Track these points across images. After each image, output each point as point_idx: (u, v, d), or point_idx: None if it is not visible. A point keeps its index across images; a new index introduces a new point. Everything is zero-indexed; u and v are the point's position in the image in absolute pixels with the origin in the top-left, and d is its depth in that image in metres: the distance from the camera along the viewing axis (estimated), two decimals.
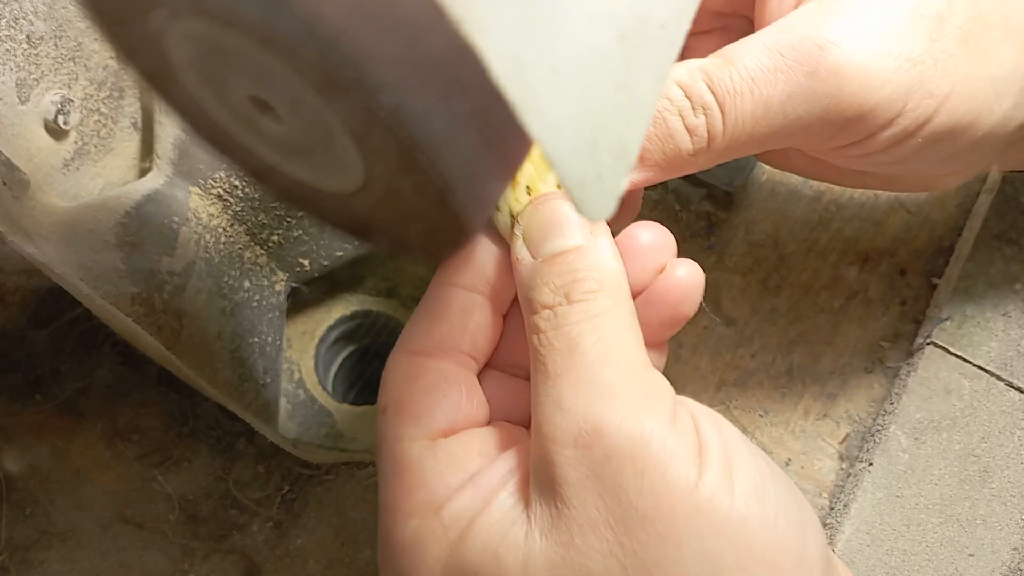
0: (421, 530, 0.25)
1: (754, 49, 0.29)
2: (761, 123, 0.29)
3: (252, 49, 0.19)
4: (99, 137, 0.39)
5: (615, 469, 0.23)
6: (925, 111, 0.29)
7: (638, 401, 0.24)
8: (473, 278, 0.28)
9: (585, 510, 0.23)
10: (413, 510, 0.25)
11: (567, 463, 0.23)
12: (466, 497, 0.25)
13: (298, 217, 0.40)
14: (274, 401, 0.40)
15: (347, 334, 0.50)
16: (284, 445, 0.40)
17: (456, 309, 0.28)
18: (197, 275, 0.37)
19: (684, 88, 0.29)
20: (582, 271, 0.25)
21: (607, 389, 0.24)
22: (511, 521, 0.24)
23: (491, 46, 0.16)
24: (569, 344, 0.24)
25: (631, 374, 0.24)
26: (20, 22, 0.34)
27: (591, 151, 0.20)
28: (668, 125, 0.29)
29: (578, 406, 0.24)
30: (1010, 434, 0.39)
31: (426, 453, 0.26)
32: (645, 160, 0.29)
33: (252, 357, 0.39)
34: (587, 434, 0.23)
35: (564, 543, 0.23)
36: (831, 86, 0.28)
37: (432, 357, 0.27)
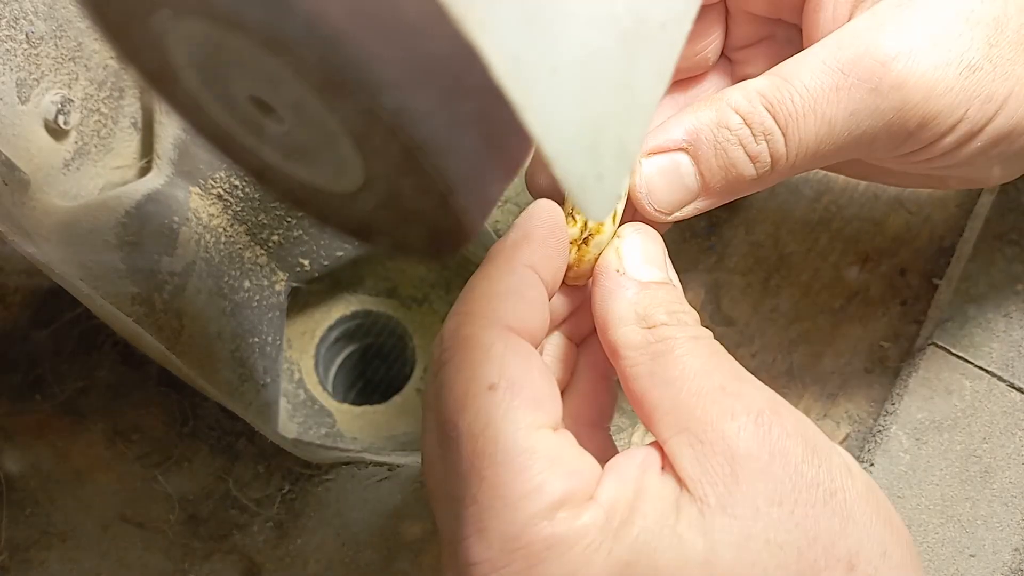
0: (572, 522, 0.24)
1: (813, 67, 0.28)
2: (825, 142, 0.29)
3: (254, 50, 0.19)
4: (99, 137, 0.39)
5: (794, 450, 0.24)
6: (985, 115, 0.29)
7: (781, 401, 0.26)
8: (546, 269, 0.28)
9: (768, 485, 0.24)
10: (559, 501, 0.24)
11: (748, 440, 0.24)
12: (613, 485, 0.25)
13: (298, 217, 0.40)
14: (274, 401, 0.40)
15: (347, 334, 0.50)
16: (284, 445, 0.40)
17: (536, 295, 0.27)
18: (197, 275, 0.37)
19: (743, 115, 0.29)
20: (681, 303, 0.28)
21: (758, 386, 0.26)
22: (674, 502, 0.24)
23: (492, 46, 0.16)
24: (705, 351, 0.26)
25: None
26: (20, 22, 0.34)
27: (591, 151, 0.20)
28: (730, 155, 0.29)
29: (746, 394, 0.25)
30: (1011, 435, 0.39)
31: (559, 441, 0.25)
32: (708, 189, 0.30)
33: (252, 357, 0.39)
34: (764, 416, 0.25)
35: (748, 517, 0.23)
36: (895, 100, 0.28)
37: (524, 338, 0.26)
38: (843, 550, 0.23)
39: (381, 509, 0.42)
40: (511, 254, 0.27)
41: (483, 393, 0.25)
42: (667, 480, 0.25)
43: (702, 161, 0.29)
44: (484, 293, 0.27)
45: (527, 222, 0.28)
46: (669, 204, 0.30)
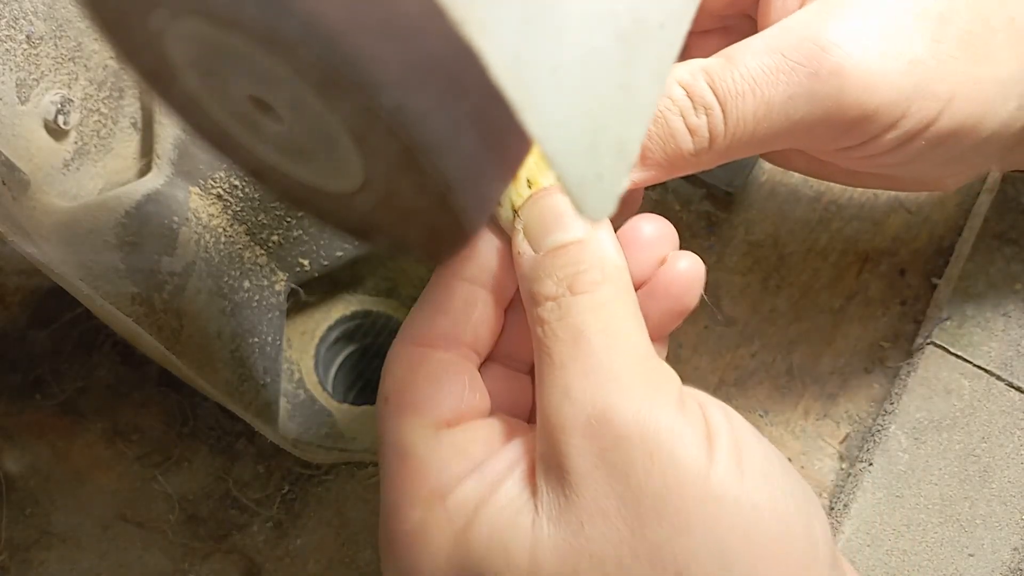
0: (425, 519, 0.25)
1: (756, 49, 0.29)
2: (763, 124, 0.29)
3: (252, 49, 0.19)
4: (99, 137, 0.39)
5: (624, 455, 0.23)
6: (928, 114, 0.29)
7: (645, 389, 0.24)
8: (476, 271, 0.28)
9: (594, 497, 0.23)
10: (417, 499, 0.25)
11: (575, 451, 0.23)
12: (471, 486, 0.25)
13: (298, 217, 0.40)
14: (274, 401, 0.40)
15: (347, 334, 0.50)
16: (284, 445, 0.40)
17: (459, 301, 0.28)
18: (197, 275, 0.37)
19: (686, 87, 0.29)
20: (584, 263, 0.25)
21: (614, 377, 0.24)
22: (517, 510, 0.24)
23: (491, 46, 0.16)
24: (574, 334, 0.25)
25: (637, 362, 0.24)
26: (20, 22, 0.34)
27: (591, 151, 0.20)
28: (670, 125, 0.29)
29: (585, 394, 0.24)
30: (1010, 434, 0.39)
31: (430, 443, 0.26)
32: (647, 160, 0.29)
33: (252, 357, 0.39)
34: (595, 421, 0.23)
35: (573, 531, 0.23)
36: (833, 87, 0.28)
37: (434, 348, 0.27)
38: (670, 561, 0.22)
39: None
40: (437, 271, 0.28)
41: (381, 406, 0.27)
42: (526, 484, 0.25)
43: None
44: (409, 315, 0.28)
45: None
46: None
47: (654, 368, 0.24)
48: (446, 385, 0.27)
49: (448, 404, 0.27)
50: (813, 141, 0.30)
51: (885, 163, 0.31)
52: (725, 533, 0.22)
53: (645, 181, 0.30)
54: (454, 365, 0.27)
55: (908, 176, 0.33)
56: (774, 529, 0.22)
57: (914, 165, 0.31)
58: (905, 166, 0.31)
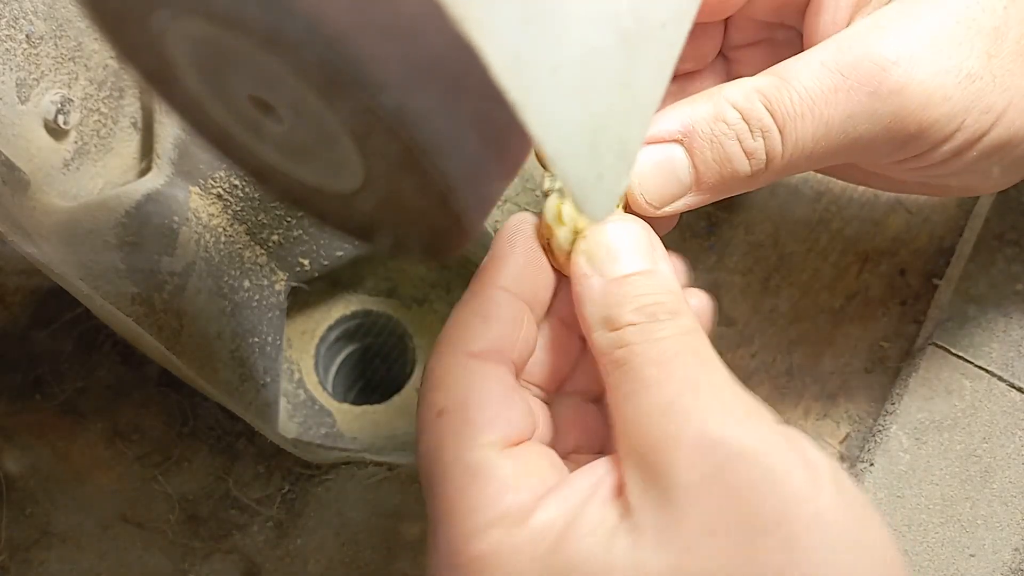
0: (504, 542, 0.24)
1: (813, 68, 0.28)
2: (821, 143, 0.28)
3: (253, 49, 0.19)
4: (99, 137, 0.39)
5: (737, 476, 0.22)
6: (983, 126, 0.29)
7: (750, 411, 0.24)
8: (523, 286, 0.28)
9: (703, 515, 0.22)
10: (494, 520, 0.24)
11: (684, 468, 0.23)
12: (553, 507, 0.24)
13: (298, 217, 0.40)
14: (274, 401, 0.40)
15: (347, 334, 0.50)
16: (284, 445, 0.40)
17: (508, 314, 0.27)
18: (197, 275, 0.37)
19: (741, 111, 0.28)
20: (661, 293, 0.26)
21: (719, 397, 0.24)
22: (611, 531, 0.23)
23: (492, 46, 0.16)
24: (666, 355, 0.25)
25: (735, 390, 0.24)
26: (20, 22, 0.34)
27: (592, 151, 0.20)
28: (726, 149, 0.29)
29: (693, 413, 0.23)
30: (1011, 434, 0.39)
31: (503, 461, 0.25)
32: (702, 184, 0.29)
33: (252, 357, 0.39)
34: (707, 440, 0.23)
35: (678, 549, 0.22)
36: (893, 105, 0.28)
37: (489, 361, 0.27)
38: None
39: (381, 509, 0.42)
40: (478, 278, 0.28)
41: (433, 419, 0.26)
42: (613, 505, 0.24)
43: (696, 154, 0.29)
44: (452, 322, 0.27)
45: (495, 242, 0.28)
46: (661, 197, 0.29)
47: (749, 397, 0.25)
48: (510, 402, 0.26)
49: (513, 423, 0.26)
50: (869, 156, 0.30)
51: (936, 173, 0.31)
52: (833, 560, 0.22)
53: (700, 203, 0.30)
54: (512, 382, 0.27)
55: (957, 184, 0.33)
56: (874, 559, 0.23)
57: (963, 175, 0.31)
58: (955, 176, 0.31)
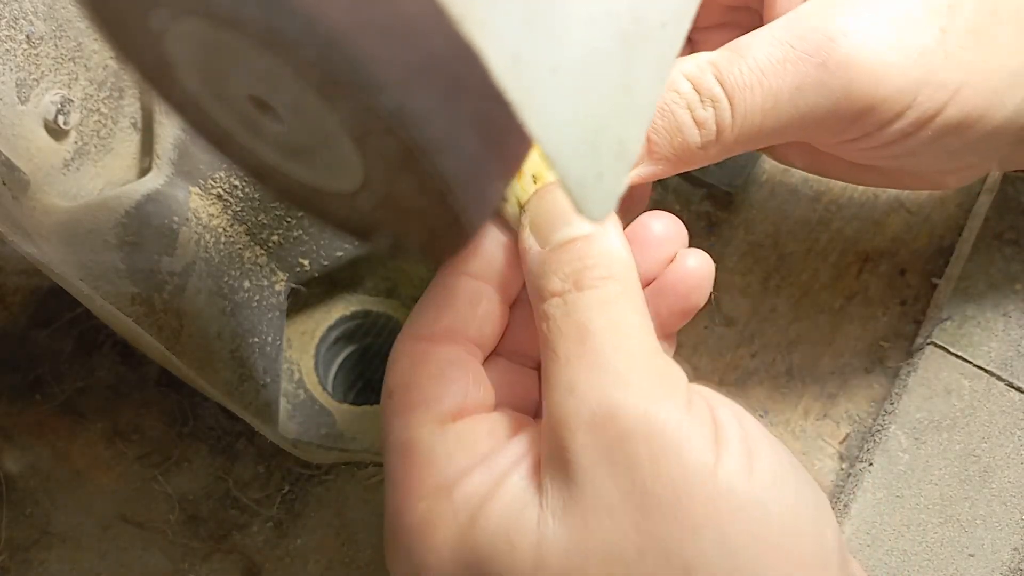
0: (431, 512, 0.25)
1: (763, 41, 0.29)
2: (771, 116, 0.29)
3: (252, 49, 0.19)
4: (99, 137, 0.39)
5: (630, 452, 0.22)
6: (936, 103, 0.29)
7: (652, 385, 0.23)
8: (481, 267, 0.28)
9: (599, 494, 0.23)
10: (423, 493, 0.25)
11: (580, 446, 0.23)
12: (476, 480, 0.25)
13: (298, 217, 0.40)
14: (274, 401, 0.40)
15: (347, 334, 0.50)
16: (284, 445, 0.40)
17: (463, 297, 0.27)
18: (197, 275, 0.37)
19: (693, 81, 0.29)
20: (591, 258, 0.25)
21: (620, 373, 0.23)
22: (523, 504, 0.24)
23: (491, 45, 0.16)
24: (580, 330, 0.24)
25: (643, 359, 0.24)
26: (20, 22, 0.34)
27: (591, 151, 0.20)
28: (676, 118, 0.29)
29: (591, 390, 0.23)
30: (1010, 434, 0.39)
31: (435, 436, 0.26)
32: (654, 154, 0.29)
33: (252, 357, 0.39)
34: (600, 417, 0.23)
35: (578, 527, 0.23)
36: (841, 78, 0.28)
37: (439, 343, 0.27)
38: (677, 560, 0.22)
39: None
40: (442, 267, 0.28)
41: (385, 401, 0.27)
42: (531, 479, 0.25)
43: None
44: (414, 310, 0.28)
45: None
46: None
47: (661, 365, 0.24)
48: (450, 379, 0.27)
49: (452, 398, 0.26)
50: (820, 132, 0.30)
51: (891, 154, 0.31)
52: (733, 532, 0.22)
53: (652, 175, 0.30)
54: (458, 360, 0.27)
55: (911, 170, 0.33)
56: (783, 530, 0.22)
57: (918, 157, 0.31)
58: (909, 158, 0.31)
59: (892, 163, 0.32)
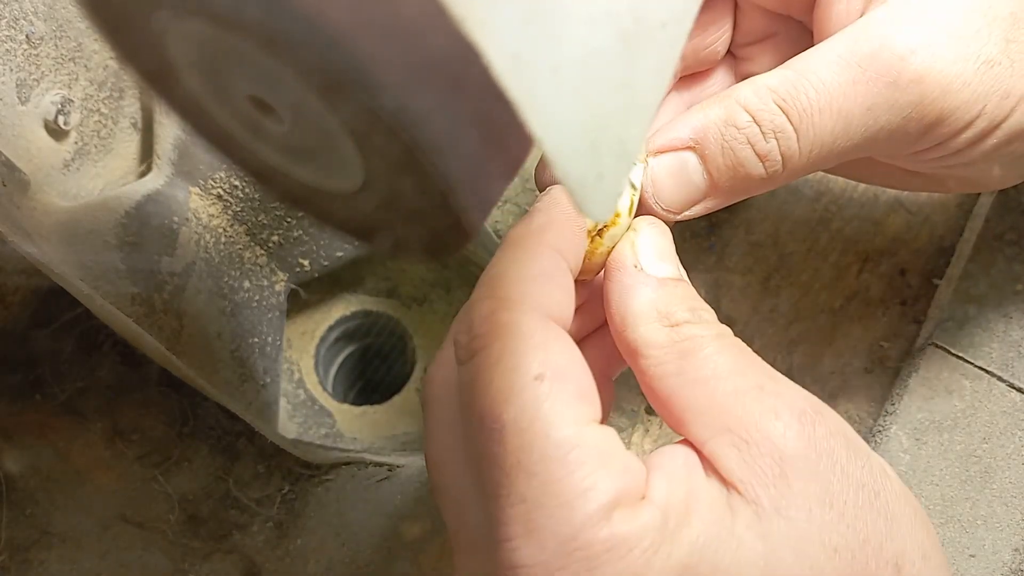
0: (631, 522, 0.23)
1: (829, 62, 0.28)
2: (841, 138, 0.28)
3: (253, 50, 0.19)
4: (99, 137, 0.39)
5: (834, 444, 0.24)
6: (1002, 111, 0.29)
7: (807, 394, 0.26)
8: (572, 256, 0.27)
9: (817, 482, 0.23)
10: (614, 500, 0.23)
11: (796, 436, 0.24)
12: (663, 484, 0.24)
13: (298, 217, 0.40)
14: (274, 401, 0.40)
15: (347, 334, 0.50)
16: (284, 445, 0.40)
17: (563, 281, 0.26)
18: (197, 275, 0.37)
19: (752, 112, 0.28)
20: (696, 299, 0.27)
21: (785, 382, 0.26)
22: (725, 505, 0.24)
23: (492, 45, 0.16)
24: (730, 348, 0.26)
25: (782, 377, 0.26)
26: (20, 22, 0.34)
27: (592, 151, 0.20)
28: (737, 155, 0.28)
29: (783, 390, 0.25)
30: (1011, 435, 0.39)
31: (599, 436, 0.24)
32: (717, 189, 0.29)
33: (252, 357, 0.39)
34: (812, 411, 0.24)
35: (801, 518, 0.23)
36: (913, 94, 0.28)
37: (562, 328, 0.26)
38: (890, 552, 0.23)
39: (381, 509, 0.42)
40: (539, 238, 0.26)
41: (529, 384, 0.23)
42: (713, 482, 0.24)
43: (709, 160, 0.29)
44: (517, 277, 0.25)
45: (550, 207, 0.27)
46: (677, 203, 0.29)
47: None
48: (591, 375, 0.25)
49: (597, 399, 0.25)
50: (889, 148, 0.30)
51: (954, 163, 0.31)
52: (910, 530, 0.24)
53: (718, 207, 0.30)
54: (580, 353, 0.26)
55: (966, 176, 0.33)
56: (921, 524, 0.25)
57: (981, 164, 0.31)
58: (973, 165, 0.31)
59: (953, 171, 0.32)
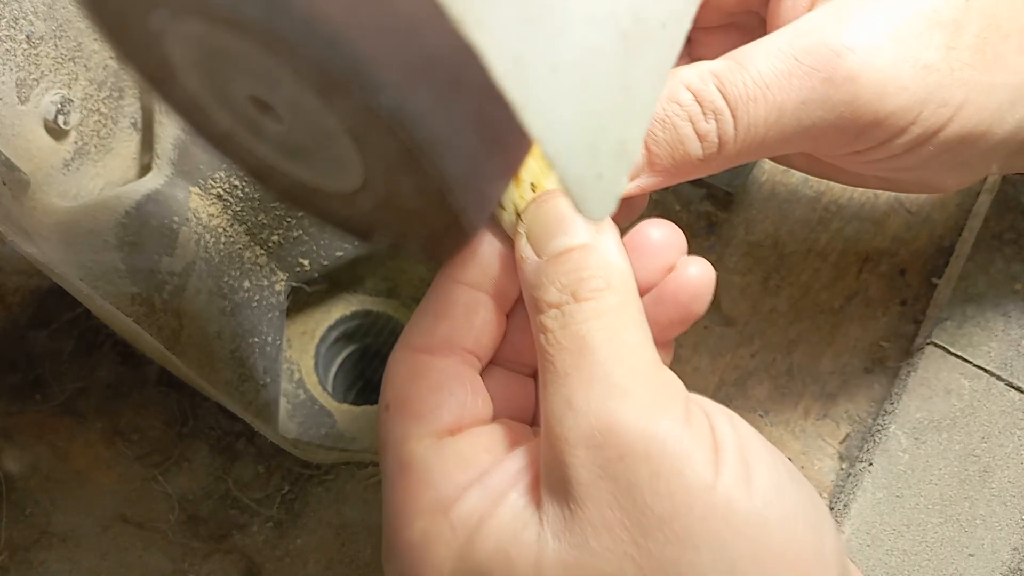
0: (428, 531, 0.24)
1: (768, 53, 0.28)
2: (774, 129, 0.28)
3: (252, 50, 0.19)
4: (99, 137, 0.39)
5: (629, 469, 0.22)
6: (939, 119, 0.29)
7: (651, 400, 0.23)
8: (477, 275, 0.27)
9: (599, 511, 0.22)
10: (420, 511, 0.25)
11: (579, 463, 0.23)
12: (474, 497, 0.25)
13: (298, 217, 0.40)
14: (274, 401, 0.40)
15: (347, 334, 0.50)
16: (284, 445, 0.40)
17: (460, 306, 0.27)
18: (197, 275, 0.37)
19: (695, 92, 0.28)
20: (588, 269, 0.25)
21: (619, 388, 0.23)
22: (522, 522, 0.24)
23: (491, 46, 0.16)
24: (578, 343, 0.24)
25: (642, 372, 0.24)
26: (20, 22, 0.34)
27: (591, 151, 0.20)
28: (678, 130, 0.28)
29: (590, 405, 0.23)
30: (1010, 434, 0.39)
31: (432, 452, 0.25)
32: (654, 165, 0.29)
33: (252, 357, 0.39)
34: (600, 433, 0.23)
35: (577, 544, 0.22)
36: (847, 93, 0.28)
37: (436, 354, 0.27)
38: None
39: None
40: (440, 274, 0.28)
41: (381, 414, 0.27)
42: (531, 496, 0.24)
43: (649, 135, 0.28)
44: (410, 320, 0.28)
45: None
46: None
47: (659, 378, 0.24)
48: (447, 392, 0.26)
49: (450, 412, 0.26)
50: (823, 145, 0.30)
51: (892, 167, 0.31)
52: (733, 550, 0.22)
53: (652, 186, 0.29)
54: (455, 371, 0.27)
55: (912, 179, 0.33)
56: (783, 546, 0.22)
57: (920, 169, 0.31)
58: (911, 170, 0.31)
59: (892, 174, 0.32)
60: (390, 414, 0.26)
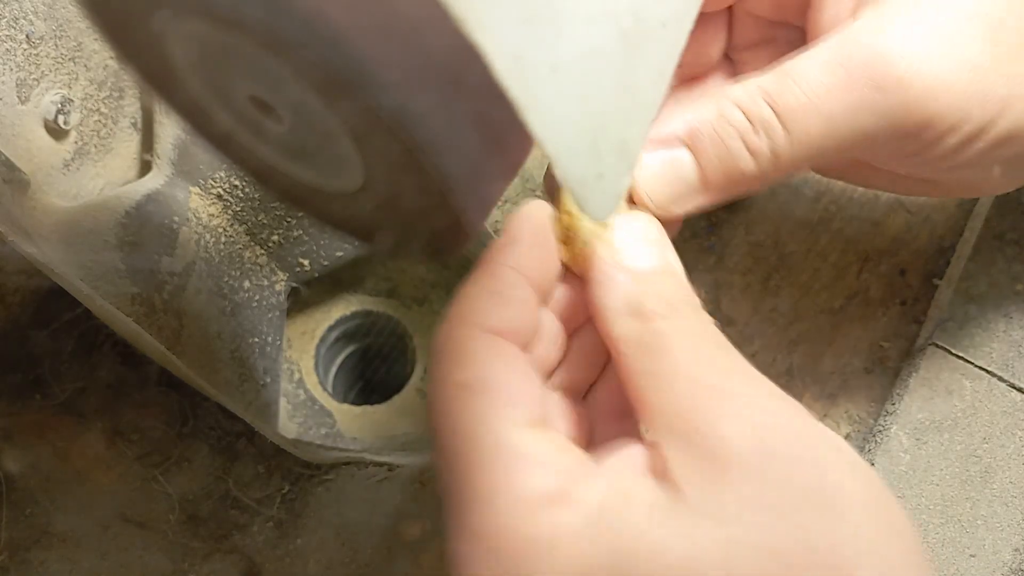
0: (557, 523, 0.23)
1: (816, 63, 0.28)
2: (826, 139, 0.28)
3: (253, 50, 0.19)
4: (99, 137, 0.39)
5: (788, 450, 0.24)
6: (988, 115, 0.29)
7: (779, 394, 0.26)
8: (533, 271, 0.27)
9: (758, 490, 0.23)
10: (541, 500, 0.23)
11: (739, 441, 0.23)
12: (601, 485, 0.24)
13: (298, 217, 0.40)
14: (274, 401, 0.40)
15: (347, 334, 0.50)
16: (284, 445, 0.40)
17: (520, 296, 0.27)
18: (197, 275, 0.37)
19: (743, 108, 0.28)
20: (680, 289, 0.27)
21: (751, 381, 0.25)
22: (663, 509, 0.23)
23: (493, 45, 0.16)
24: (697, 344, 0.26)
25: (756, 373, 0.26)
26: (20, 22, 0.34)
27: (592, 150, 0.20)
28: (730, 148, 0.29)
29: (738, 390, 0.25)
30: (1011, 435, 0.39)
31: (536, 439, 0.24)
32: (708, 183, 0.29)
33: (252, 357, 0.39)
34: (756, 415, 0.24)
35: (734, 524, 0.23)
36: (898, 98, 0.28)
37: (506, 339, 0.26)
38: (837, 561, 0.22)
39: (381, 509, 0.42)
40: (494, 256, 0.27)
41: (453, 393, 0.25)
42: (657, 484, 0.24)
43: (702, 155, 0.29)
44: (467, 296, 0.27)
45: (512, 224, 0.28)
46: (668, 199, 0.29)
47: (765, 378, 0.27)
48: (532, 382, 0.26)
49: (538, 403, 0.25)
50: (876, 150, 0.30)
51: (942, 167, 0.31)
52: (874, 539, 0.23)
53: (708, 204, 0.30)
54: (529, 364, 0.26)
55: (960, 179, 0.33)
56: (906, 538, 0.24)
57: (970, 169, 0.31)
58: (961, 170, 0.31)
59: (943, 175, 0.32)
60: (471, 394, 0.25)
